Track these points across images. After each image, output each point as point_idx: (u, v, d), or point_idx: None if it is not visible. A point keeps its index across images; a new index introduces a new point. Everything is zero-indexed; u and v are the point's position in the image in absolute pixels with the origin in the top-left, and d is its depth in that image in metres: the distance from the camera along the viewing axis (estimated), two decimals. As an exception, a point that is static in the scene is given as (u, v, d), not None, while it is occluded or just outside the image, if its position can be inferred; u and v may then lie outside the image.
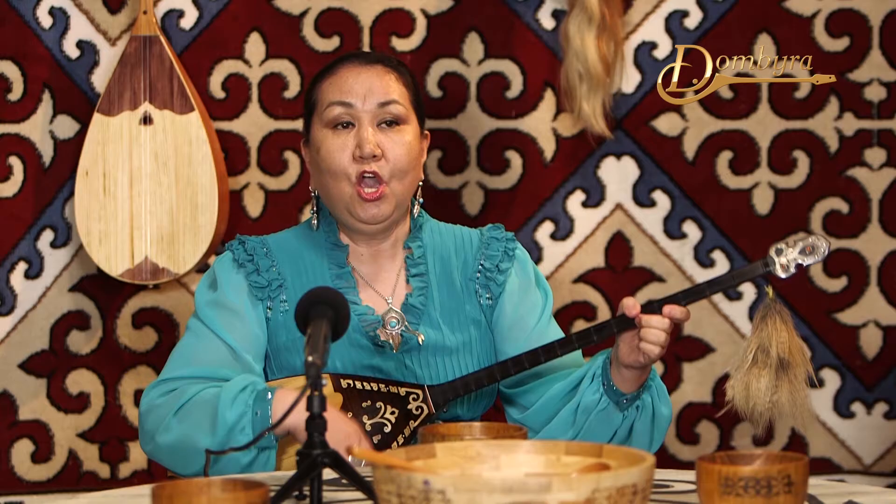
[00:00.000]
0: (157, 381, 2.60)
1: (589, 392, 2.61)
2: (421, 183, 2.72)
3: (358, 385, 2.59)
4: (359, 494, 2.15)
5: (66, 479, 3.70)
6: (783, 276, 2.57)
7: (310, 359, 2.04)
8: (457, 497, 1.69)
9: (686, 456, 3.86)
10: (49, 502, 3.66)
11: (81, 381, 3.71)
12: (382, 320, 2.66)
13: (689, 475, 2.25)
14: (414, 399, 2.59)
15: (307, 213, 3.63)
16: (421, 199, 2.74)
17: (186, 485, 1.90)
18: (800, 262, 2.56)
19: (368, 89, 2.66)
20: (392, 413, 2.58)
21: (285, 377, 2.64)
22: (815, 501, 2.15)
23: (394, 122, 2.67)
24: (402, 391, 2.59)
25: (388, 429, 2.58)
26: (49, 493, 3.67)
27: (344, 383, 2.58)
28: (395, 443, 2.57)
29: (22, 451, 3.67)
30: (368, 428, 2.57)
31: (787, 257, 2.57)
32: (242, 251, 2.68)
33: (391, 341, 2.66)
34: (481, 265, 2.74)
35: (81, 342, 3.71)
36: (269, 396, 2.47)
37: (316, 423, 2.04)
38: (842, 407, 3.87)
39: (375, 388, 2.58)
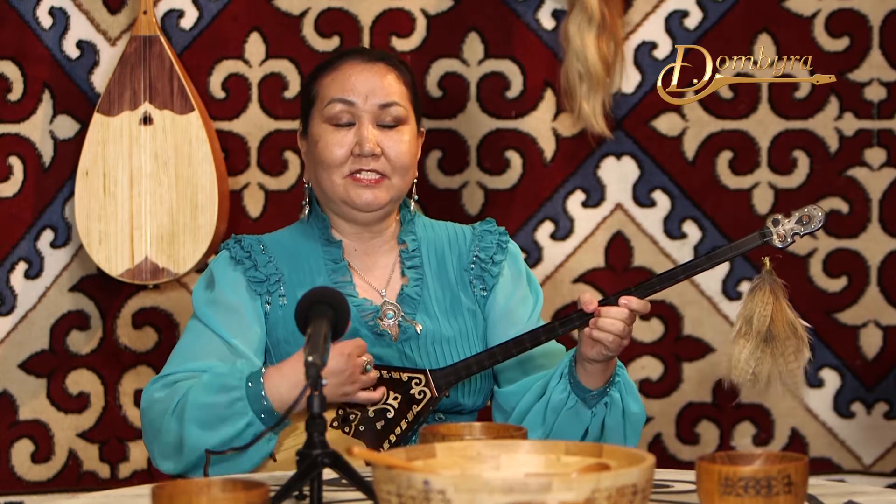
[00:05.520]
0: (156, 378, 2.63)
1: (557, 391, 2.63)
2: (415, 180, 2.76)
3: None
4: (359, 494, 2.15)
5: (66, 479, 3.70)
6: (780, 246, 2.55)
7: (310, 359, 2.04)
8: (457, 497, 1.69)
9: (686, 456, 3.86)
10: (49, 502, 3.66)
11: (81, 381, 3.70)
12: (380, 311, 2.68)
13: (689, 475, 2.25)
14: (416, 384, 2.61)
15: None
16: (416, 197, 2.79)
17: (186, 485, 1.90)
18: (797, 231, 2.55)
19: (370, 89, 2.70)
20: (395, 398, 2.60)
21: None
22: (815, 501, 2.15)
23: (394, 124, 2.70)
24: (405, 377, 2.61)
25: (391, 414, 2.59)
26: (49, 493, 3.67)
27: None
28: (398, 427, 2.59)
29: (22, 451, 3.67)
30: (371, 414, 2.58)
31: (784, 227, 2.56)
32: (239, 249, 2.71)
33: (390, 332, 2.68)
34: (476, 256, 2.78)
35: (81, 342, 3.70)
36: (263, 370, 2.50)
37: (316, 423, 2.04)
38: (842, 407, 3.87)
39: (377, 375, 2.59)
